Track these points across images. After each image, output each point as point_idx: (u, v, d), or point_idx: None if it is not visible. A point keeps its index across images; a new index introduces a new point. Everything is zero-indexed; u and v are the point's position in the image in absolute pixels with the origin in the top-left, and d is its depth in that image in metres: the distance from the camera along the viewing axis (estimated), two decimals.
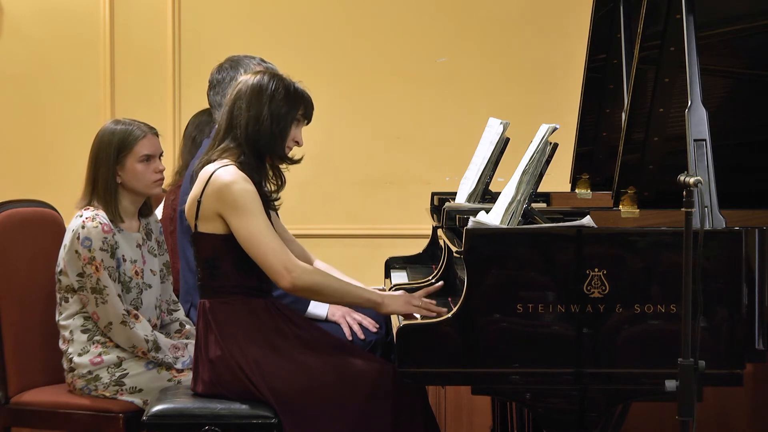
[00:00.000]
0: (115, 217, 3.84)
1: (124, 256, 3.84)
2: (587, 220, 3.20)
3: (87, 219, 3.79)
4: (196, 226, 3.51)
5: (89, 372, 3.81)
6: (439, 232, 4.19)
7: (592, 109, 4.64)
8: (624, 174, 3.57)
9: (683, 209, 2.88)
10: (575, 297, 3.14)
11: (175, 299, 4.07)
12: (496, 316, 3.16)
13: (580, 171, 4.69)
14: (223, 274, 3.50)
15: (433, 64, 5.49)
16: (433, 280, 3.90)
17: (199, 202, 3.49)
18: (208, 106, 4.34)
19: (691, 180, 2.87)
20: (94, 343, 3.82)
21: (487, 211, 3.51)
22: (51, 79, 5.56)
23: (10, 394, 3.95)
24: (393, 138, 5.51)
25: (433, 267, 4.16)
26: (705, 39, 3.45)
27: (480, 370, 3.18)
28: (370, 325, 3.94)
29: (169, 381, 3.80)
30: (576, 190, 4.66)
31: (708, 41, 3.53)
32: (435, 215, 4.44)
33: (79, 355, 3.82)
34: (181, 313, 4.05)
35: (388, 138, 5.51)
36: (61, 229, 3.99)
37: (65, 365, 3.87)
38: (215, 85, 4.24)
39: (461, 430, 5.15)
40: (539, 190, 3.61)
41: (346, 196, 5.52)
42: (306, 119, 3.58)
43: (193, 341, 3.80)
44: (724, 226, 3.20)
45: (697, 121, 3.29)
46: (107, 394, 3.81)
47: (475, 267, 3.17)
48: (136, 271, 3.87)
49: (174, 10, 5.51)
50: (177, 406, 3.49)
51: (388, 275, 4.43)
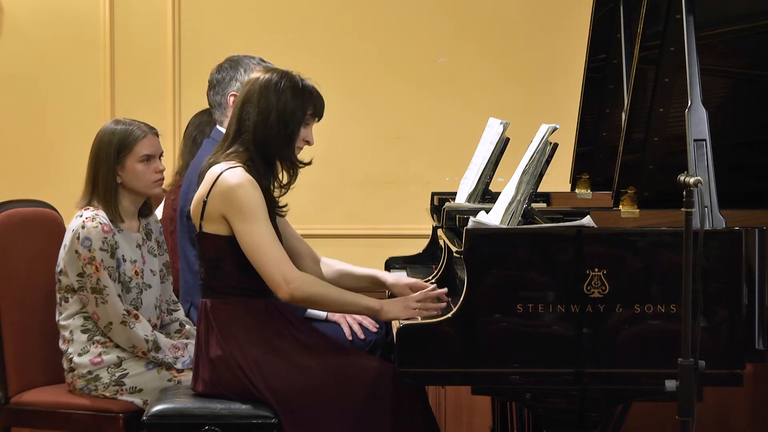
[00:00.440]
0: (115, 217, 3.84)
1: (124, 256, 3.83)
2: (587, 220, 3.20)
3: (87, 219, 3.79)
4: (200, 225, 3.51)
5: (89, 372, 3.81)
6: (439, 232, 4.19)
7: (592, 109, 4.63)
8: (624, 174, 3.56)
9: (683, 209, 2.87)
10: (575, 297, 3.14)
11: (175, 299, 4.07)
12: (496, 316, 3.15)
13: (580, 171, 4.68)
14: (225, 275, 3.50)
15: (433, 64, 5.48)
16: (433, 280, 3.90)
17: (204, 203, 3.48)
18: (208, 106, 4.34)
19: (691, 180, 2.87)
20: (94, 343, 3.82)
21: (487, 211, 3.51)
22: (51, 79, 5.56)
23: (10, 394, 3.95)
24: (393, 138, 5.51)
25: (433, 267, 4.16)
26: (705, 39, 3.45)
27: (480, 370, 3.18)
28: (370, 325, 3.95)
29: (169, 381, 3.80)
30: (576, 190, 4.66)
31: (708, 41, 3.53)
32: (435, 215, 4.44)
33: (79, 355, 3.82)
34: (181, 313, 4.05)
35: (389, 138, 5.51)
36: (61, 229, 3.99)
37: (65, 365, 3.86)
38: (215, 85, 4.24)
39: (461, 430, 5.15)
40: (539, 190, 3.60)
41: (346, 196, 5.51)
42: (316, 117, 3.56)
43: (193, 341, 3.80)
44: (724, 226, 3.20)
45: (697, 121, 3.28)
46: (107, 394, 3.81)
47: (475, 267, 3.17)
48: (136, 271, 3.87)
49: (174, 10, 5.50)
50: (177, 406, 3.49)
51: None
